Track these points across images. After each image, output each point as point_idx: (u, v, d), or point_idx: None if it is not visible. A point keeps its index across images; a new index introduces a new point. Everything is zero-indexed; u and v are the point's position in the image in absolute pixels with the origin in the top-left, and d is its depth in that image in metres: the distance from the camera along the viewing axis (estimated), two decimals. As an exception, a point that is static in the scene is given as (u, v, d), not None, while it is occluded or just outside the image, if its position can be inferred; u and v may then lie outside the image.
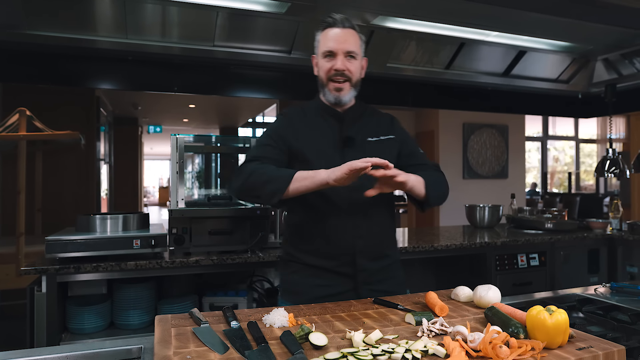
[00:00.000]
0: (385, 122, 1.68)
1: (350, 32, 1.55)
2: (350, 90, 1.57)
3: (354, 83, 1.57)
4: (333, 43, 1.53)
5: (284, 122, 1.64)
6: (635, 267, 3.16)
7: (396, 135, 1.66)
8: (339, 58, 1.53)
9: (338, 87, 1.55)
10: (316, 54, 1.61)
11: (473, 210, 3.60)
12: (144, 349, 1.17)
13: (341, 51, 1.53)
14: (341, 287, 1.54)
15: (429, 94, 3.74)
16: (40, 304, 2.00)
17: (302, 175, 1.44)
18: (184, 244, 2.27)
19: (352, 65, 1.55)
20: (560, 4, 2.48)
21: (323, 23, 1.57)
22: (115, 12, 2.48)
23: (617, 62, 3.53)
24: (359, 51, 1.57)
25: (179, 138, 2.41)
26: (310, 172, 1.43)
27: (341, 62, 1.53)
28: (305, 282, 1.56)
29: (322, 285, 1.54)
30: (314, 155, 1.53)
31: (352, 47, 1.54)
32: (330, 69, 1.54)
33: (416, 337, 1.12)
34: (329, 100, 1.59)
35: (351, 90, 1.57)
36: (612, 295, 1.66)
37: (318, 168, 1.45)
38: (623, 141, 8.91)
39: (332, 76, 1.55)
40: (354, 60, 1.55)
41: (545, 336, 1.02)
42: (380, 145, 1.60)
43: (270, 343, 1.07)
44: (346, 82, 1.55)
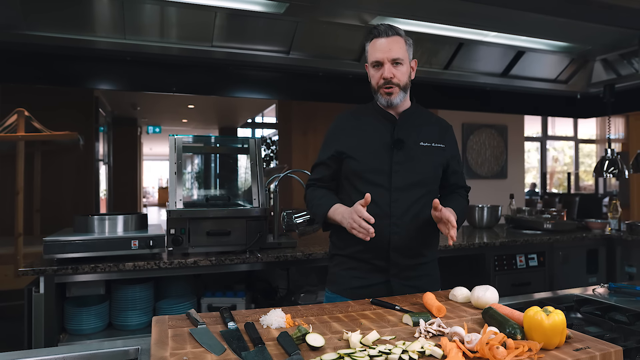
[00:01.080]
0: (440, 129, 1.74)
1: (395, 40, 1.61)
2: (400, 93, 1.64)
3: (403, 87, 1.64)
4: (379, 53, 1.61)
5: (333, 127, 1.76)
6: (634, 267, 3.16)
7: (446, 145, 1.72)
8: (386, 67, 1.60)
9: (388, 92, 1.62)
10: (367, 63, 1.68)
11: (472, 210, 3.60)
12: (141, 350, 1.17)
13: (387, 60, 1.60)
14: (374, 280, 1.63)
15: (428, 94, 3.74)
16: (38, 304, 1.99)
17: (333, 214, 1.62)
18: (182, 245, 2.26)
19: (399, 71, 1.62)
20: (559, 5, 2.48)
21: (370, 35, 1.64)
22: (113, 12, 2.48)
23: (616, 63, 3.53)
24: (405, 56, 1.63)
25: (177, 139, 2.41)
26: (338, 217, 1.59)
27: (388, 71, 1.60)
28: (344, 273, 1.68)
29: (357, 277, 1.65)
30: (362, 156, 1.64)
31: (397, 54, 1.60)
32: (380, 78, 1.62)
33: (413, 338, 1.12)
34: (381, 104, 1.67)
35: (400, 93, 1.64)
36: (610, 295, 1.66)
37: (366, 167, 1.62)
38: (622, 141, 8.91)
39: (381, 85, 1.63)
40: (400, 67, 1.62)
41: (543, 337, 1.02)
42: (429, 150, 1.67)
43: (267, 344, 1.06)
44: (395, 87, 1.62)
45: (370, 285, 1.63)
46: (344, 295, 1.65)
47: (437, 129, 1.74)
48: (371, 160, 1.62)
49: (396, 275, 1.62)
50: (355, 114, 1.75)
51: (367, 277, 1.64)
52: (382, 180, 1.61)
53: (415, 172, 1.63)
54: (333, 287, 1.72)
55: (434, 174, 1.69)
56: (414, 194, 1.62)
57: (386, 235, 1.59)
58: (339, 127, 1.73)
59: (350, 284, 1.65)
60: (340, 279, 1.68)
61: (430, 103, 3.95)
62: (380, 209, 1.59)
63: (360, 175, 1.64)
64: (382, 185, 1.61)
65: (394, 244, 1.60)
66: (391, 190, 1.60)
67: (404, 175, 1.61)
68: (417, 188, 1.63)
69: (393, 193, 1.60)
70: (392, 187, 1.60)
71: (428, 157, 1.66)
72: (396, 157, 1.62)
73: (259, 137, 2.67)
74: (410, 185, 1.62)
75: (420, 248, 1.66)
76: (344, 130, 1.70)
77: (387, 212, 1.60)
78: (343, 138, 1.68)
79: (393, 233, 1.60)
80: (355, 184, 1.65)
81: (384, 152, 1.63)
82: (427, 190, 1.66)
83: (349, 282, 1.66)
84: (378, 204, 1.59)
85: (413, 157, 1.63)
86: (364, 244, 1.58)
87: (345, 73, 3.22)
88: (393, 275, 1.62)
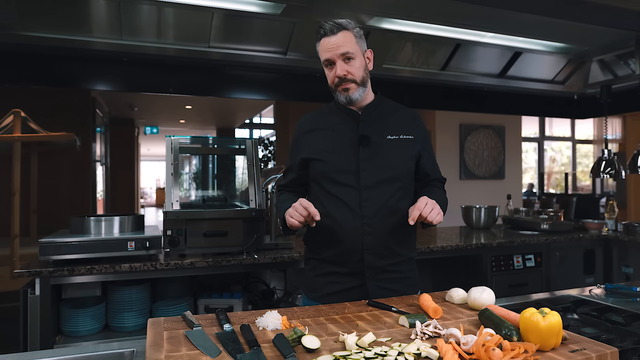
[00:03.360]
0: (407, 120, 1.68)
1: (341, 35, 1.54)
2: (358, 89, 1.58)
3: (360, 81, 1.58)
4: (328, 53, 1.56)
5: (296, 132, 1.72)
6: (631, 268, 3.16)
7: (415, 136, 1.65)
8: (338, 64, 1.55)
9: (345, 88, 1.58)
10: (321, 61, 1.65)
11: (469, 211, 3.60)
12: (136, 353, 1.16)
13: (337, 57, 1.55)
14: (349, 283, 1.58)
15: (425, 95, 3.75)
16: (34, 306, 1.98)
17: None
18: (178, 246, 2.26)
19: (351, 67, 1.56)
20: (556, 6, 2.48)
21: (317, 34, 1.58)
22: (110, 13, 2.47)
23: (613, 63, 3.54)
24: (356, 49, 1.56)
25: (174, 140, 2.40)
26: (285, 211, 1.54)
27: (340, 68, 1.55)
28: (319, 279, 1.63)
29: (332, 282, 1.60)
30: (328, 156, 1.59)
31: (346, 49, 1.54)
32: (334, 77, 1.58)
33: (410, 339, 1.11)
34: (342, 101, 1.62)
35: (359, 89, 1.59)
36: (606, 296, 1.66)
37: (333, 167, 1.57)
38: (619, 142, 8.93)
39: (337, 83, 1.58)
40: (353, 61, 1.56)
41: (538, 338, 1.02)
42: (398, 144, 1.61)
43: (262, 346, 1.06)
44: (351, 83, 1.57)
45: (346, 289, 1.58)
46: (321, 302, 1.56)
47: (404, 120, 1.67)
48: (337, 160, 1.58)
49: (372, 277, 1.56)
50: (318, 114, 1.71)
51: (343, 281, 1.59)
52: (350, 179, 1.56)
53: (385, 168, 1.57)
54: (310, 294, 1.67)
55: (405, 168, 1.62)
56: (386, 191, 1.56)
57: (359, 237, 1.54)
58: (302, 131, 1.69)
59: (325, 290, 1.60)
60: (316, 285, 1.64)
61: (427, 104, 3.96)
62: (351, 210, 1.55)
63: (327, 177, 1.59)
64: (350, 185, 1.55)
65: (367, 245, 1.54)
66: (360, 189, 1.55)
67: (372, 173, 1.56)
68: (388, 184, 1.57)
69: (363, 192, 1.55)
70: (361, 186, 1.55)
71: (397, 151, 1.59)
72: (362, 154, 1.56)
73: (256, 138, 2.66)
74: (380, 182, 1.56)
75: (396, 247, 1.59)
76: (308, 133, 1.67)
77: (358, 213, 1.54)
78: (307, 141, 1.64)
79: (366, 234, 1.54)
80: (323, 185, 1.60)
81: (350, 151, 1.58)
82: (400, 185, 1.59)
83: (324, 287, 1.61)
84: (348, 205, 1.55)
85: (380, 153, 1.57)
86: (337, 247, 1.56)
87: (342, 74, 3.22)
88: (369, 278, 1.56)
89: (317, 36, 1.58)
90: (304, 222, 1.47)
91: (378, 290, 1.56)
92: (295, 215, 1.47)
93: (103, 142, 8.38)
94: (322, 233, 1.59)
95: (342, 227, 1.55)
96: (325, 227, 1.57)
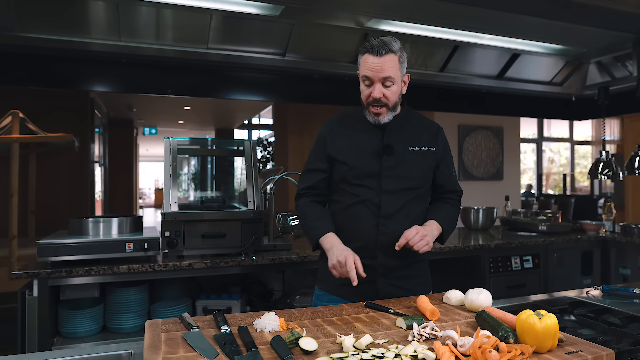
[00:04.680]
0: (430, 132, 1.73)
1: (388, 59, 1.55)
2: (388, 113, 1.62)
3: (392, 106, 1.62)
4: (369, 72, 1.57)
5: (322, 133, 1.73)
6: (628, 269, 3.17)
7: (437, 148, 1.71)
8: (376, 86, 1.57)
9: (376, 112, 1.61)
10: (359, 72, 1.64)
11: (467, 212, 3.61)
12: (134, 354, 1.16)
13: (377, 79, 1.57)
14: (361, 278, 1.57)
15: (424, 97, 3.75)
16: (32, 308, 1.98)
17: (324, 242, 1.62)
18: (177, 247, 2.26)
19: (389, 91, 1.59)
20: (554, 8, 2.49)
21: (362, 48, 1.60)
22: (108, 14, 2.47)
23: (610, 65, 3.55)
24: (396, 75, 1.59)
25: (172, 141, 2.40)
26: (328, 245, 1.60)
27: (378, 91, 1.57)
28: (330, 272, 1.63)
29: None
30: (353, 161, 1.63)
31: (388, 73, 1.56)
32: (369, 95, 1.60)
33: (407, 341, 1.12)
34: (370, 121, 1.65)
35: (389, 113, 1.62)
36: (603, 298, 1.67)
37: (357, 172, 1.61)
38: (617, 143, 8.95)
39: (370, 102, 1.60)
40: (391, 86, 1.59)
41: (535, 340, 1.02)
42: (420, 155, 1.66)
43: (260, 348, 1.06)
44: (383, 107, 1.60)
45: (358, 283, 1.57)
46: (332, 293, 1.66)
47: (427, 131, 1.72)
48: (361, 165, 1.62)
49: (383, 275, 1.62)
50: (344, 120, 1.73)
51: None
52: (372, 184, 1.61)
53: (405, 178, 1.63)
54: (322, 284, 1.73)
55: (425, 179, 1.69)
56: (404, 197, 1.63)
57: (374, 234, 1.60)
58: (328, 134, 1.71)
59: (337, 281, 1.63)
60: (328, 276, 1.65)
61: (426, 105, 3.96)
62: (369, 209, 1.61)
63: (349, 180, 1.63)
64: (372, 188, 1.61)
65: (381, 243, 1.60)
66: (381, 192, 1.61)
67: (393, 181, 1.61)
68: (407, 192, 1.63)
69: (383, 195, 1.61)
70: (382, 190, 1.61)
71: (418, 162, 1.66)
72: (386, 162, 1.62)
73: (254, 139, 2.66)
74: (400, 190, 1.62)
75: (409, 249, 1.61)
76: (333, 137, 1.69)
77: (375, 213, 1.60)
78: (333, 143, 1.67)
79: (380, 233, 1.60)
80: (345, 188, 1.65)
81: (374, 158, 1.63)
82: (418, 193, 1.67)
83: (336, 279, 1.63)
84: (367, 204, 1.61)
85: (403, 163, 1.63)
86: (352, 244, 1.59)
87: (340, 75, 3.22)
88: (380, 275, 1.61)
89: (362, 50, 1.60)
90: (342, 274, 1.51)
91: (389, 287, 1.62)
92: (339, 271, 1.52)
93: (101, 142, 8.37)
94: (339, 231, 1.65)
95: (358, 225, 1.62)
96: (342, 223, 1.66)
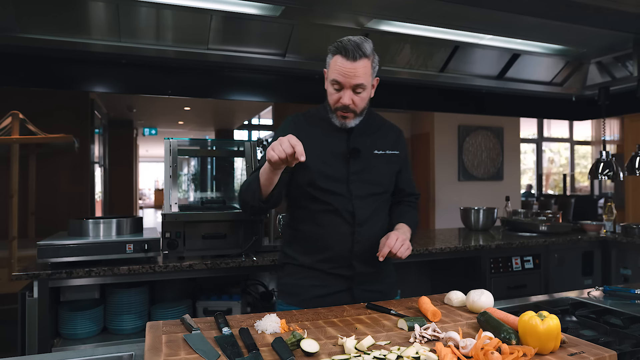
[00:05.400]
0: (392, 136, 1.70)
1: (361, 64, 1.46)
2: (355, 118, 1.56)
3: (360, 112, 1.55)
4: (341, 77, 1.48)
5: (289, 130, 1.58)
6: (629, 270, 3.17)
7: (400, 152, 1.69)
8: (347, 93, 1.49)
9: (343, 116, 1.54)
10: (327, 71, 1.56)
11: (468, 213, 3.60)
12: (134, 356, 1.16)
13: (348, 85, 1.48)
14: (336, 287, 1.57)
15: (424, 97, 3.75)
16: (32, 309, 1.98)
17: (262, 169, 1.44)
18: (177, 248, 2.26)
19: (358, 97, 1.52)
20: (554, 8, 2.48)
21: (335, 50, 1.49)
22: (108, 15, 2.47)
23: (611, 65, 3.55)
24: (368, 81, 1.51)
25: (173, 142, 2.40)
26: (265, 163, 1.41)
27: (348, 97, 1.49)
28: (301, 283, 1.59)
29: (317, 285, 1.57)
30: (321, 165, 1.54)
31: (360, 80, 1.48)
32: (337, 101, 1.52)
33: (408, 343, 1.11)
34: (336, 124, 1.58)
35: (356, 118, 1.56)
36: (605, 298, 1.66)
37: (323, 175, 1.52)
38: (617, 143, 8.95)
39: (338, 108, 1.53)
40: (362, 92, 1.51)
41: (537, 342, 1.02)
42: (385, 159, 1.63)
43: (261, 350, 1.06)
44: (351, 112, 1.53)
45: (333, 293, 1.56)
46: (303, 307, 1.52)
47: (390, 135, 1.69)
48: (327, 169, 1.53)
49: (359, 282, 1.58)
50: (309, 119, 1.64)
51: (329, 284, 1.57)
52: (341, 189, 1.54)
53: (372, 182, 1.58)
54: (289, 298, 1.61)
55: (390, 183, 1.66)
56: (374, 201, 1.59)
57: (349, 243, 1.54)
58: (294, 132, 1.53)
59: (309, 294, 1.56)
60: (298, 289, 1.59)
61: (426, 105, 3.97)
62: (342, 218, 1.54)
63: (316, 185, 1.54)
64: (342, 194, 1.54)
65: (357, 251, 1.55)
66: (352, 198, 1.54)
67: (361, 185, 1.56)
68: (376, 197, 1.60)
69: (355, 201, 1.54)
70: (353, 196, 1.54)
71: (384, 166, 1.62)
72: (353, 166, 1.56)
73: (254, 140, 2.65)
74: (369, 195, 1.57)
75: None
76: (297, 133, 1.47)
77: (349, 220, 1.54)
78: None
79: (356, 241, 1.54)
80: (310, 192, 1.55)
81: (339, 162, 1.56)
82: (384, 197, 1.64)
83: (307, 291, 1.57)
84: (340, 212, 1.54)
85: (369, 166, 1.58)
86: (325, 254, 1.54)
87: (341, 76, 3.22)
88: (357, 283, 1.57)
89: (333, 49, 1.49)
90: (285, 159, 1.29)
91: (364, 294, 1.58)
92: (279, 150, 1.29)
93: (101, 143, 8.36)
94: (308, 240, 1.58)
95: (332, 234, 1.55)
96: (312, 230, 1.57)
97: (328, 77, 1.53)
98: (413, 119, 7.60)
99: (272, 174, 1.40)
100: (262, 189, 1.45)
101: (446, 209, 6.83)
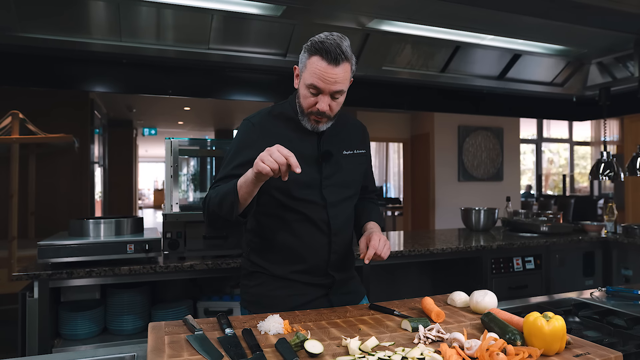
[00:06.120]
0: (358, 134, 1.61)
1: (343, 69, 1.34)
2: (328, 122, 1.44)
3: (333, 117, 1.44)
4: (321, 82, 1.34)
5: (254, 133, 1.47)
6: (630, 270, 3.17)
7: (366, 150, 1.63)
8: (324, 99, 1.37)
9: (317, 120, 1.42)
10: (300, 69, 1.43)
11: (468, 213, 3.60)
12: (137, 357, 1.15)
13: (328, 91, 1.36)
14: (314, 295, 1.52)
15: (425, 97, 3.75)
16: (32, 309, 1.97)
17: (241, 180, 1.32)
18: (178, 249, 2.25)
19: (335, 103, 1.40)
20: (555, 8, 2.48)
21: (315, 50, 1.34)
22: (109, 14, 2.46)
23: (611, 66, 3.55)
24: (347, 85, 1.40)
25: (174, 142, 2.39)
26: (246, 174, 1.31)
27: (325, 104, 1.37)
28: (277, 294, 1.51)
29: (294, 295, 1.51)
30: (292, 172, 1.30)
31: (341, 87, 1.37)
32: (312, 105, 1.39)
33: (412, 344, 1.11)
34: (307, 127, 1.45)
35: (329, 122, 1.45)
36: (607, 299, 1.66)
37: (297, 183, 1.42)
38: (617, 144, 8.96)
39: (312, 112, 1.41)
40: (339, 98, 1.40)
41: (543, 343, 1.02)
42: (353, 159, 1.55)
43: (265, 351, 1.05)
44: (326, 117, 1.42)
45: (311, 300, 1.51)
46: None
47: (356, 133, 1.60)
48: (300, 175, 1.31)
49: (336, 289, 1.55)
50: (274, 119, 1.50)
51: (307, 293, 1.51)
52: (314, 196, 1.45)
53: (344, 184, 1.51)
54: (256, 308, 1.50)
55: (360, 183, 1.60)
56: (347, 207, 1.53)
57: (325, 254, 1.49)
58: (259, 135, 1.45)
59: (287, 304, 1.47)
60: (275, 301, 1.48)
61: (426, 105, 3.97)
62: (318, 228, 1.47)
63: (288, 192, 1.43)
64: (315, 202, 1.45)
65: (333, 262, 1.50)
66: (327, 206, 1.46)
67: (334, 190, 1.47)
68: (348, 201, 1.53)
69: (330, 209, 1.46)
70: (327, 204, 1.46)
71: (353, 167, 1.54)
72: (325, 170, 1.46)
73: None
74: (341, 200, 1.50)
75: (350, 260, 1.62)
76: (266, 140, 1.40)
77: (325, 231, 1.47)
78: (262, 146, 1.29)
79: (333, 251, 1.49)
80: (282, 200, 1.44)
81: (310, 166, 1.45)
82: (354, 200, 1.58)
83: (285, 302, 1.48)
84: (315, 222, 1.46)
85: (339, 169, 1.49)
86: (301, 264, 1.48)
87: (341, 76, 3.21)
88: (333, 291, 1.54)
89: (311, 49, 1.35)
90: (277, 172, 1.21)
91: (340, 297, 1.56)
92: (269, 161, 1.19)
93: (101, 143, 8.35)
94: (281, 250, 1.50)
95: (308, 245, 1.48)
96: (288, 244, 1.48)
97: (303, 78, 1.39)
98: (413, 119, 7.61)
99: (254, 186, 1.29)
100: (240, 202, 1.33)
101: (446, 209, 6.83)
